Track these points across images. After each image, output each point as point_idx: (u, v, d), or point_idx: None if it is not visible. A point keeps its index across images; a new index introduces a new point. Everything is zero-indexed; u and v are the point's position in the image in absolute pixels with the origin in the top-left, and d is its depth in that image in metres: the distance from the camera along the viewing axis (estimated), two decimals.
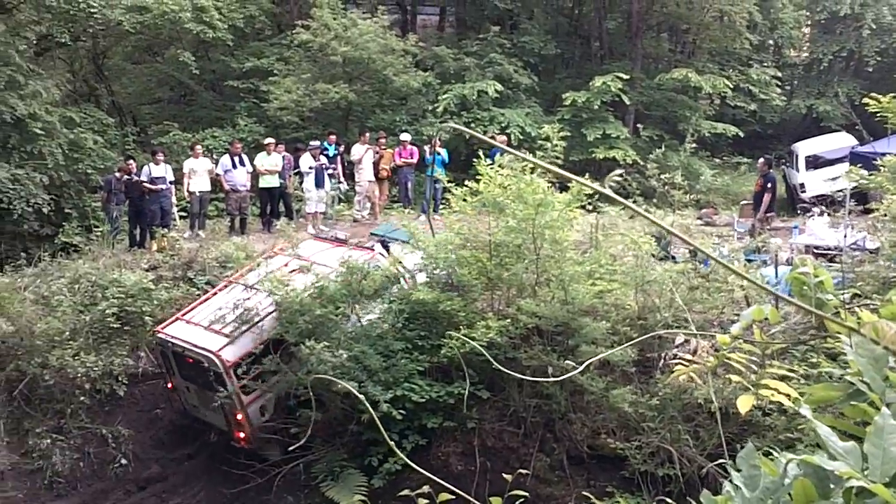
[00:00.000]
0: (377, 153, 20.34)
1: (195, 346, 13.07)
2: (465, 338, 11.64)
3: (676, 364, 3.21)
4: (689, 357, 3.30)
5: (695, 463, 10.77)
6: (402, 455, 3.51)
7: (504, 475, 3.16)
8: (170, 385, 14.37)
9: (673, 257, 14.12)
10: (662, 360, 11.90)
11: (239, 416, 12.98)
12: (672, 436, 11.01)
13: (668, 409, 11.11)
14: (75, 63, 27.75)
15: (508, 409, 12.45)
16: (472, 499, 3.14)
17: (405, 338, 12.72)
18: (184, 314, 14.10)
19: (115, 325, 15.44)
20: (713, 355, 2.80)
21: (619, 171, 15.76)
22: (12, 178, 19.80)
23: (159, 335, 13.91)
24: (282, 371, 13.02)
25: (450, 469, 12.00)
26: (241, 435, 13.16)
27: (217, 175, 19.39)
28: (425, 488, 3.59)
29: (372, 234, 16.66)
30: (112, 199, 19.00)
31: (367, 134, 21.16)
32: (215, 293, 14.40)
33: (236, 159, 19.09)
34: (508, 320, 12.03)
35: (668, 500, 7.80)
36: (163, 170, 18.73)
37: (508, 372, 5.54)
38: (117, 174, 19.03)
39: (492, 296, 13.00)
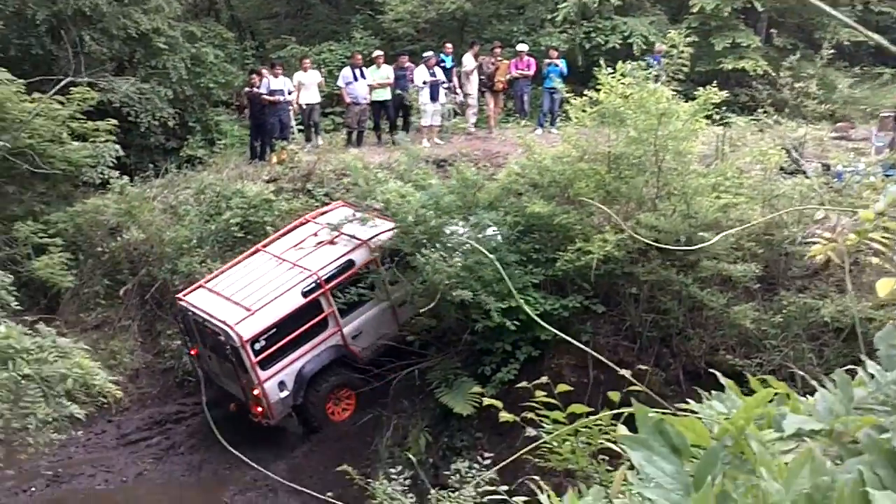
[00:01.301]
0: (493, 65, 19.95)
1: (214, 317, 12.91)
2: (580, 251, 11.60)
3: (814, 242, 3.02)
4: (827, 235, 3.06)
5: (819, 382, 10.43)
6: None
7: (609, 393, 3.04)
8: (193, 351, 14.26)
9: (804, 171, 13.51)
10: (788, 278, 11.51)
11: (256, 392, 12.76)
12: (795, 354, 10.68)
13: (791, 327, 10.77)
14: None
15: (624, 324, 12.29)
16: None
17: (520, 250, 12.63)
18: (207, 281, 13.95)
19: (238, 234, 15.94)
20: (853, 232, 2.58)
21: None
22: (138, 91, 20.30)
23: (180, 303, 13.77)
24: (399, 281, 13.19)
25: (562, 380, 11.93)
26: (259, 409, 13.00)
27: (338, 88, 19.42)
28: (543, 378, 3.53)
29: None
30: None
31: (477, 46, 20.73)
32: (240, 261, 14.27)
33: (357, 72, 19.01)
34: (626, 233, 11.78)
35: None
36: (281, 83, 18.84)
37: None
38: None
39: (609, 210, 12.73)
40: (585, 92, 12.76)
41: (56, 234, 15.68)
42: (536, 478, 3.49)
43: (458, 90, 19.94)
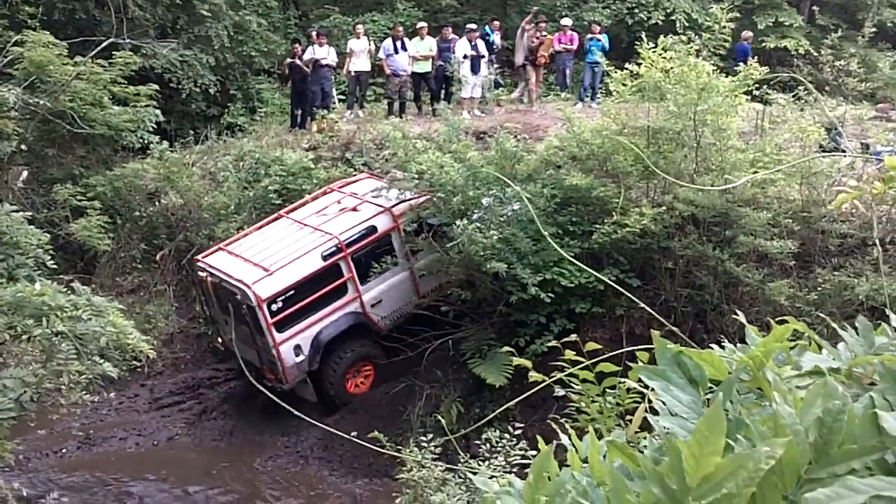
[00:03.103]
0: (537, 39, 19.80)
1: (231, 277, 12.81)
2: (616, 225, 11.57)
3: (840, 191, 3.02)
4: (853, 183, 3.06)
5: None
6: None
7: (637, 351, 3.05)
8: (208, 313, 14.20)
9: (843, 150, 13.35)
10: (824, 256, 11.41)
11: (271, 355, 12.68)
12: (829, 332, 10.58)
13: (826, 305, 10.67)
14: None
15: (659, 298, 12.23)
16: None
17: (556, 223, 12.59)
18: (227, 244, 13.86)
19: (276, 202, 16.03)
20: (880, 179, 2.58)
21: None
22: (181, 58, 20.44)
23: (199, 263, 13.72)
24: (421, 250, 13.25)
25: (596, 354, 11.96)
26: (272, 375, 12.92)
27: (379, 59, 19.41)
28: (573, 336, 3.55)
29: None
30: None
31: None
32: (262, 225, 14.20)
33: (398, 43, 18.97)
34: (663, 208, 11.72)
35: None
36: (325, 52, 18.89)
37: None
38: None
39: (647, 184, 12.67)
40: (626, 66, 12.68)
41: (95, 197, 15.78)
42: (558, 417, 3.53)
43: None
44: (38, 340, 6.56)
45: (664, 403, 1.40)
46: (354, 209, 13.64)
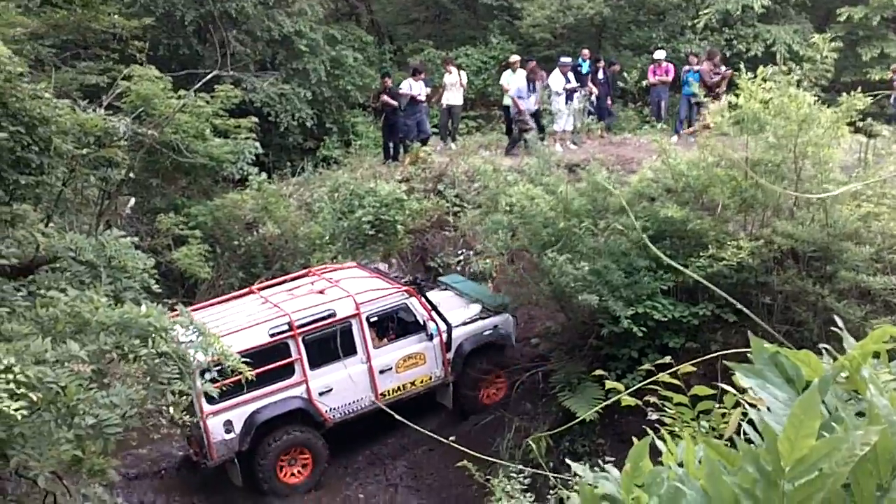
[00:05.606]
0: (716, 75, 19.11)
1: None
2: (712, 258, 11.38)
3: None
4: None
5: None
6: None
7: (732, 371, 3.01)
8: None
9: None
10: None
11: (198, 426, 11.53)
12: None
13: None
14: None
15: (756, 335, 11.95)
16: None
17: (649, 256, 12.45)
18: (193, 309, 12.93)
19: (369, 233, 16.30)
20: None
21: None
22: (279, 92, 20.99)
23: None
24: (524, 281, 13.24)
25: (689, 389, 11.75)
26: (197, 448, 12.21)
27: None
28: (667, 358, 3.52)
29: (439, 280, 15.43)
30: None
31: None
32: (230, 298, 13.55)
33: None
34: (761, 242, 11.49)
35: None
36: (420, 87, 19.15)
37: None
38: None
39: (745, 217, 12.45)
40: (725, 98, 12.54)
41: (196, 226, 16.19)
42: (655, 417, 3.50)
43: (591, 94, 19.77)
44: (143, 360, 6.74)
45: (761, 399, 1.40)
46: (321, 292, 13.02)
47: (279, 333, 12.07)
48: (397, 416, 5.51)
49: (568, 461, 2.50)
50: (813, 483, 1.12)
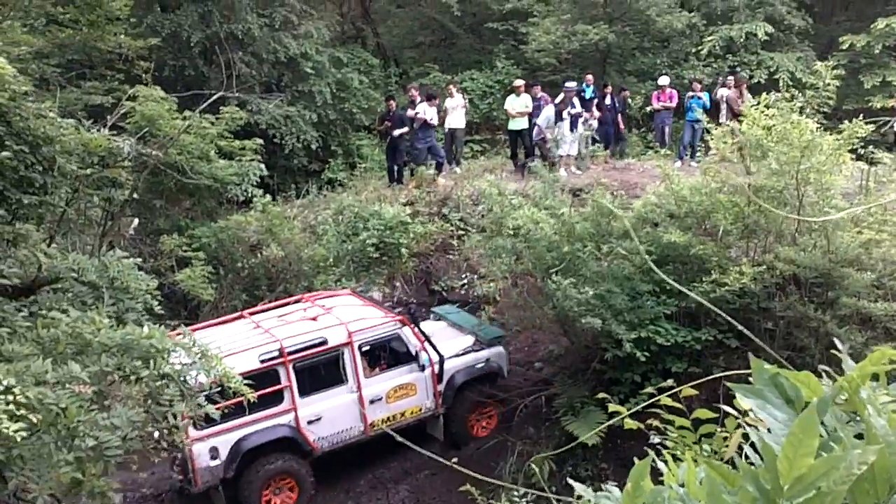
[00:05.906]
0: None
1: None
2: (715, 283, 11.37)
3: None
4: None
5: None
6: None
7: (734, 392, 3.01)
8: None
9: None
10: None
11: (183, 451, 11.22)
12: None
13: None
14: (344, 5, 29.09)
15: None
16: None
17: (653, 280, 12.46)
18: (177, 333, 12.84)
19: (374, 255, 16.36)
20: None
21: None
22: (285, 114, 21.09)
23: None
24: (528, 305, 13.22)
25: (691, 413, 11.73)
26: (182, 474, 11.96)
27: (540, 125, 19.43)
28: (669, 381, 3.52)
29: (433, 310, 15.41)
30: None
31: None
32: (220, 322, 13.38)
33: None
34: (764, 267, 11.50)
35: None
36: (434, 111, 19.21)
37: None
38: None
39: (747, 243, 12.47)
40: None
41: (199, 248, 16.21)
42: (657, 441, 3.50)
43: (594, 120, 19.82)
44: (145, 382, 6.71)
45: (760, 420, 1.41)
46: (314, 319, 12.88)
47: (270, 359, 11.86)
48: (399, 438, 5.49)
49: (570, 481, 2.49)
50: (811, 501, 1.12)
